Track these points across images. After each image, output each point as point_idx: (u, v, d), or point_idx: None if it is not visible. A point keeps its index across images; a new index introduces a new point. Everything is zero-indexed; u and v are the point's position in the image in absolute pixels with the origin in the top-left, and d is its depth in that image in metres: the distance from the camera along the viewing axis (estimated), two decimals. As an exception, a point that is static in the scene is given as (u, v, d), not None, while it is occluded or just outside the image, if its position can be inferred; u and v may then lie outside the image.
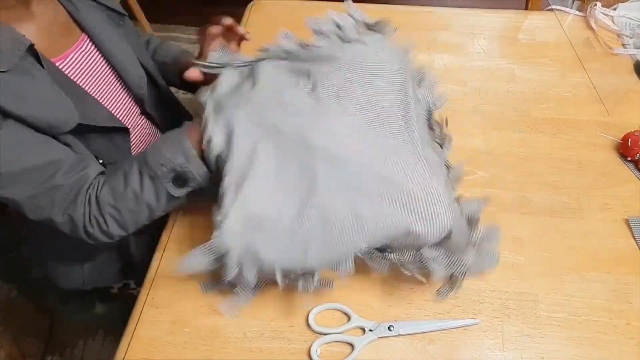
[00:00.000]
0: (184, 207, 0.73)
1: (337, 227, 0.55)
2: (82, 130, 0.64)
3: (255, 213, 0.57)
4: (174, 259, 0.68)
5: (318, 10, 0.98)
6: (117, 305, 0.98)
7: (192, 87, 0.78)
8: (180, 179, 0.61)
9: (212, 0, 2.22)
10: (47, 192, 0.60)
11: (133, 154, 0.78)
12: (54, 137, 0.61)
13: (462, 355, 0.58)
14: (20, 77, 0.56)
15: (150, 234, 0.83)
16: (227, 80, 0.66)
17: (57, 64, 0.65)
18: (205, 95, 0.64)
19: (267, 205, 0.57)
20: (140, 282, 0.66)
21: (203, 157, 0.61)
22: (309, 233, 0.56)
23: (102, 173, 0.65)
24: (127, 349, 0.60)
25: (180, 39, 2.11)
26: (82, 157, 0.64)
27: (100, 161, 0.69)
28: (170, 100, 0.91)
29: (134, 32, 0.82)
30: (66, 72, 0.66)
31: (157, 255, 0.69)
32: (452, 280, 0.60)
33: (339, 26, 0.72)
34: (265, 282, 0.60)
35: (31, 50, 0.58)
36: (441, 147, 0.69)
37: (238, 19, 1.01)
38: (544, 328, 0.60)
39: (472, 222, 0.61)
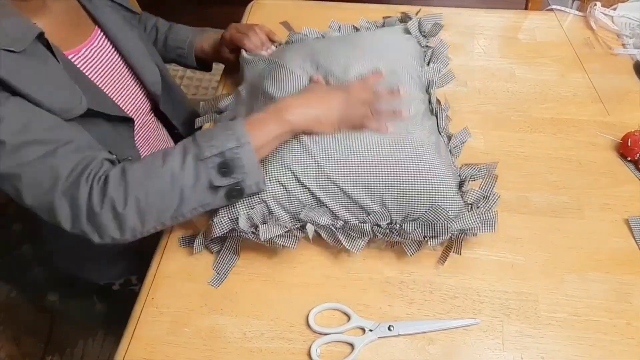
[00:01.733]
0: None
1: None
2: (88, 116, 0.62)
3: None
4: (174, 259, 0.68)
5: (318, 11, 0.99)
6: (117, 305, 0.98)
7: (207, 66, 0.93)
8: (226, 167, 0.55)
9: (212, 0, 2.22)
10: (50, 169, 0.54)
11: (137, 146, 0.78)
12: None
13: (462, 355, 0.59)
14: (33, 60, 0.56)
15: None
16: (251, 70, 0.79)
17: (69, 57, 0.65)
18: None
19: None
20: (142, 277, 0.66)
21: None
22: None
23: (112, 162, 0.60)
24: (127, 349, 0.60)
25: (180, 39, 2.11)
26: (93, 142, 0.61)
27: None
28: (181, 99, 0.92)
29: (144, 33, 0.84)
30: (78, 65, 0.67)
31: (157, 255, 0.69)
32: (451, 244, 0.64)
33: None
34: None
35: (41, 39, 0.58)
36: (436, 118, 0.75)
37: (238, 19, 1.01)
38: (544, 328, 0.60)
39: (465, 185, 0.66)
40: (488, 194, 0.66)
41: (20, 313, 1.38)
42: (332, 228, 0.63)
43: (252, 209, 0.62)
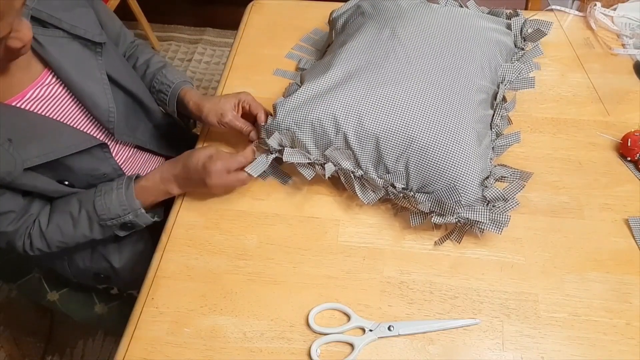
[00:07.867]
0: (182, 208, 0.73)
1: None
2: (57, 160, 0.66)
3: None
4: (174, 259, 0.68)
5: (318, 11, 0.99)
6: (117, 305, 0.98)
7: (187, 118, 0.86)
8: (126, 227, 0.72)
9: (212, 0, 2.22)
10: None
11: (119, 163, 0.78)
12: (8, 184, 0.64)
13: (462, 355, 0.59)
14: None
15: (132, 242, 0.83)
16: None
17: (13, 103, 0.64)
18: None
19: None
20: (122, 289, 0.66)
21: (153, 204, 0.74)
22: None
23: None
24: (127, 349, 0.60)
25: (180, 39, 2.11)
26: (26, 205, 0.70)
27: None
28: (162, 119, 0.88)
29: (117, 57, 0.79)
30: (27, 108, 0.65)
31: (157, 255, 0.69)
32: (455, 230, 0.66)
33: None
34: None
35: None
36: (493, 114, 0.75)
37: (238, 19, 1.01)
38: (544, 328, 0.60)
39: (489, 182, 0.66)
40: (508, 198, 0.65)
41: (20, 313, 1.38)
42: (351, 175, 0.68)
43: (285, 133, 0.69)
